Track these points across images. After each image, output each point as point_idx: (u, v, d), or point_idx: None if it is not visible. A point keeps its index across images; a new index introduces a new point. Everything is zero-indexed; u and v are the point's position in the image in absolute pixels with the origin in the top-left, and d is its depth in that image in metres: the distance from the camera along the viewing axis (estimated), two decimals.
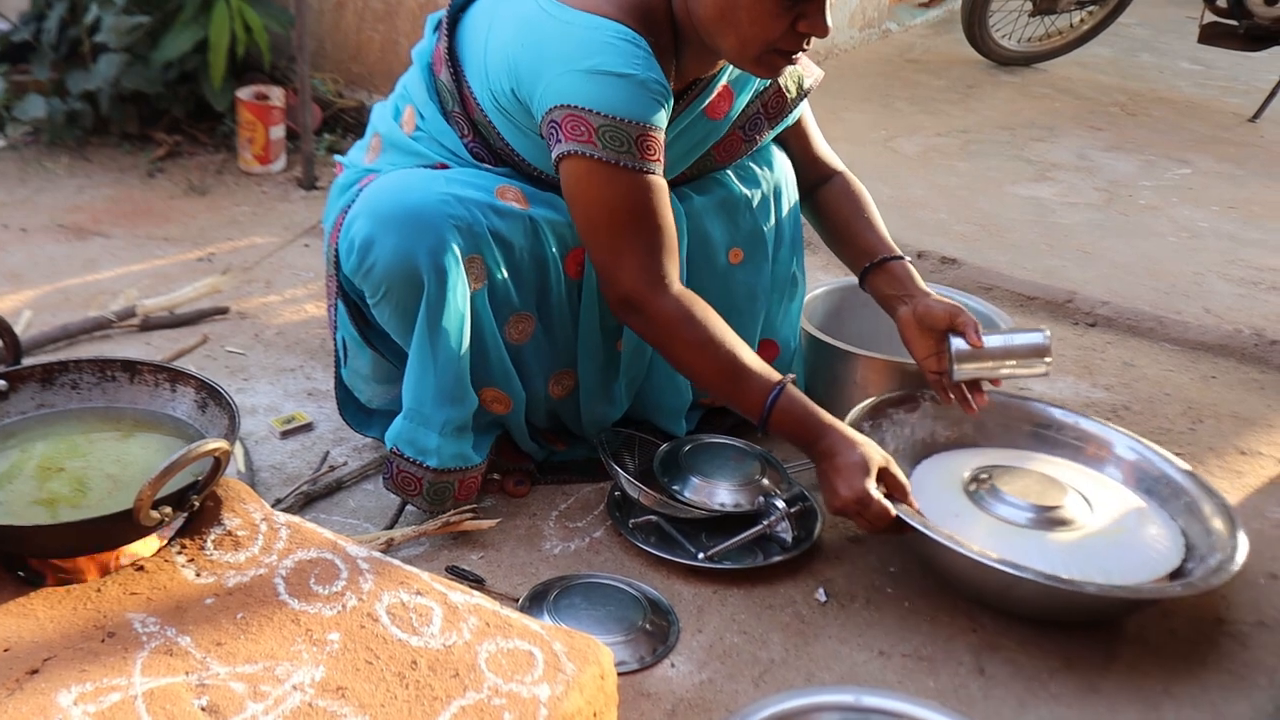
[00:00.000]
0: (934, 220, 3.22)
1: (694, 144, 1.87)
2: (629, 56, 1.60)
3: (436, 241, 1.65)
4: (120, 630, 1.21)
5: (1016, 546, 1.67)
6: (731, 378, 1.69)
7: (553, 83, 1.62)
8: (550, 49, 1.62)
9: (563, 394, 1.92)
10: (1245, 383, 2.50)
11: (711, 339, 1.68)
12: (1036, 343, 1.83)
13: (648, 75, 1.61)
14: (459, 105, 1.78)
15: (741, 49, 1.64)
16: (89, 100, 3.30)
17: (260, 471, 1.96)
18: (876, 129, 3.95)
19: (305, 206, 3.13)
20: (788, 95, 1.93)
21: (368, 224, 1.68)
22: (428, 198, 1.67)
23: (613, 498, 1.90)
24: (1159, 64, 5.19)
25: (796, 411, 1.68)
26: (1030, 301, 2.80)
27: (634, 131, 1.61)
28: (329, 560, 1.34)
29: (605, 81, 1.59)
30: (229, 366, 2.29)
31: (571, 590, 1.68)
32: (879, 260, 1.93)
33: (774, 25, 1.60)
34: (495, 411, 1.85)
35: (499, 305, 1.76)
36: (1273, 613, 1.77)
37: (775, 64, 1.67)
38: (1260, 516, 2.01)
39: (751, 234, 1.96)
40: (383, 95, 3.55)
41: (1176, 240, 3.22)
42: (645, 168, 1.64)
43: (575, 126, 1.61)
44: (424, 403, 1.75)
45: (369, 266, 1.68)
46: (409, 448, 1.77)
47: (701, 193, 1.92)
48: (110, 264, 2.72)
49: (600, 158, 1.61)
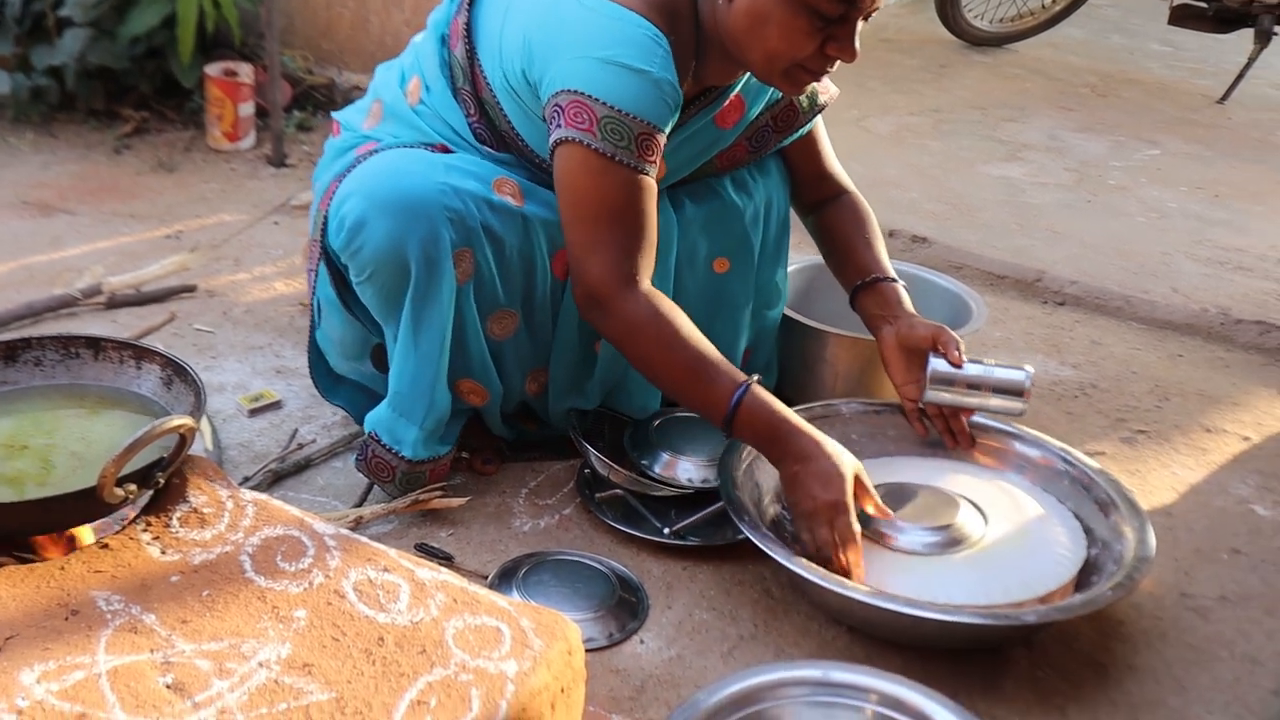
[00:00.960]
0: (905, 199, 3.23)
1: (699, 151, 1.84)
2: (648, 53, 1.57)
3: (429, 232, 1.63)
4: (84, 608, 1.20)
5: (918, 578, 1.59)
6: (694, 377, 1.63)
7: (565, 66, 1.59)
8: (569, 33, 1.59)
9: (538, 390, 1.92)
10: (1211, 361, 2.53)
11: (675, 338, 1.63)
12: (1016, 379, 1.77)
13: (662, 76, 1.58)
14: (469, 83, 1.75)
15: (768, 64, 1.61)
16: (54, 76, 3.26)
17: (228, 450, 1.95)
18: (849, 108, 3.95)
19: (274, 184, 3.11)
20: (799, 109, 1.89)
21: (361, 204, 1.65)
22: (425, 186, 1.64)
23: (582, 475, 1.90)
24: (1129, 45, 5.21)
25: (763, 412, 1.62)
26: (1000, 280, 2.81)
27: (636, 128, 1.58)
28: (295, 537, 1.33)
29: (618, 73, 1.57)
30: (197, 344, 2.28)
31: (541, 567, 1.69)
32: (870, 280, 1.90)
33: (804, 44, 1.57)
34: (471, 403, 1.84)
35: (484, 300, 1.74)
36: (1234, 587, 1.79)
37: (800, 80, 1.64)
38: (1224, 493, 2.04)
39: (740, 243, 1.94)
40: (353, 72, 3.54)
41: (1145, 220, 3.25)
42: (639, 167, 1.60)
43: (579, 113, 1.58)
44: (405, 391, 1.74)
45: (358, 247, 1.66)
46: (387, 435, 1.76)
47: (695, 200, 1.89)
48: (76, 241, 2.70)
49: (597, 149, 1.58)
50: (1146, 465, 2.11)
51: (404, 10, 3.44)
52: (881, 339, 1.86)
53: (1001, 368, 1.79)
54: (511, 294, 1.77)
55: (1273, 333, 2.59)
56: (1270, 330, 2.60)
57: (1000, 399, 1.78)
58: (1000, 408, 1.79)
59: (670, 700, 1.49)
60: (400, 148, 1.77)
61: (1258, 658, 1.65)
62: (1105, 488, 1.76)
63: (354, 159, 1.78)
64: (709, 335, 1.90)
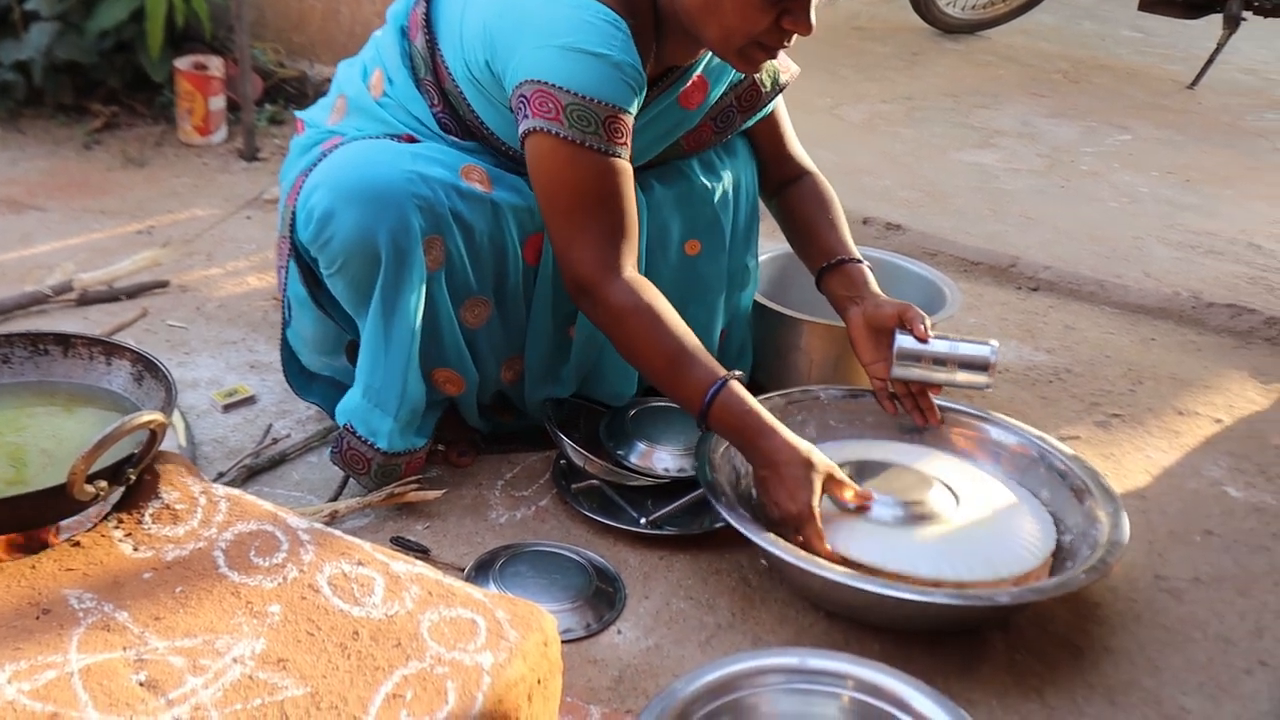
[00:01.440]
0: (879, 186, 3.23)
1: (664, 132, 1.85)
2: (607, 37, 1.57)
3: (397, 220, 1.63)
4: (56, 607, 1.19)
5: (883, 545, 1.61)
6: (674, 368, 1.64)
7: (526, 56, 1.59)
8: (529, 22, 1.60)
9: (514, 379, 1.91)
10: (1183, 344, 2.55)
11: (657, 327, 1.63)
12: (982, 354, 1.78)
13: (623, 58, 1.58)
14: (431, 74, 1.75)
15: (724, 40, 1.61)
16: (21, 71, 3.23)
17: (202, 445, 1.94)
18: (822, 96, 3.96)
19: (246, 178, 3.09)
20: (762, 89, 1.90)
21: (328, 196, 1.65)
22: (392, 174, 1.64)
23: (558, 466, 1.90)
24: (1100, 31, 5.24)
25: (737, 409, 1.62)
26: (974, 267, 2.82)
27: (603, 113, 1.58)
28: (269, 532, 1.33)
29: (579, 59, 1.57)
30: (169, 340, 2.26)
31: (517, 559, 1.68)
32: (836, 261, 1.90)
33: (759, 19, 1.57)
34: (447, 392, 1.83)
35: (456, 288, 1.74)
36: (1207, 568, 1.81)
37: (756, 58, 1.64)
38: (1196, 475, 2.05)
39: (710, 225, 1.94)
40: (324, 65, 3.52)
41: (1117, 205, 3.27)
42: (611, 150, 1.61)
43: (544, 103, 1.58)
44: (377, 382, 1.73)
45: (327, 239, 1.66)
46: (362, 426, 1.76)
47: (664, 182, 1.90)
48: (46, 238, 2.67)
49: (566, 136, 1.59)
50: (1120, 449, 2.12)
51: (375, 2, 3.42)
52: (849, 319, 1.87)
53: (967, 343, 1.80)
54: (483, 281, 1.77)
55: (1243, 316, 2.61)
56: (1241, 313, 2.62)
57: (966, 374, 1.79)
58: (966, 382, 1.80)
59: (648, 690, 1.49)
60: (366, 139, 1.77)
61: (1231, 638, 1.66)
62: (1079, 473, 1.77)
63: (320, 154, 1.77)
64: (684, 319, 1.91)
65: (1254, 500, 1.99)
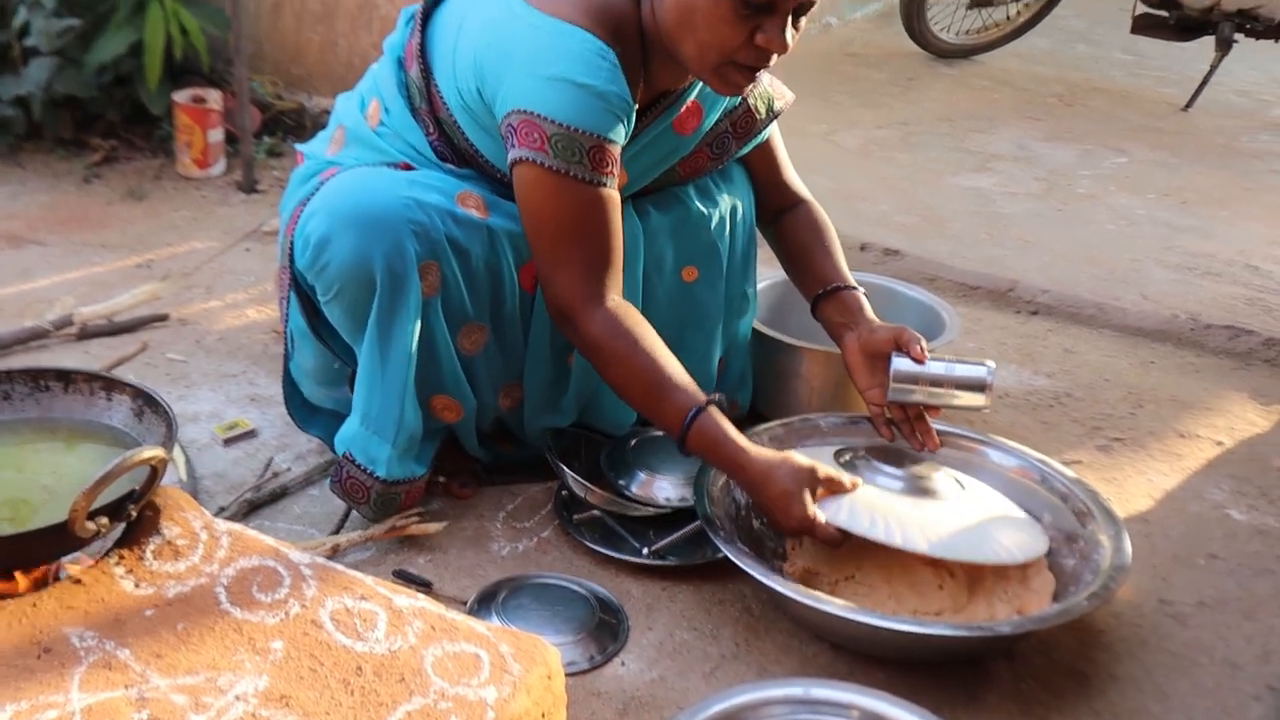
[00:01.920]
0: (876, 212, 3.24)
1: (660, 158, 1.85)
2: (593, 66, 1.58)
3: (393, 245, 1.64)
4: (57, 645, 1.19)
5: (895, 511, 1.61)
6: (653, 393, 1.64)
7: (513, 85, 1.60)
8: (515, 51, 1.61)
9: (511, 406, 1.91)
10: (1183, 367, 2.55)
11: (637, 354, 1.63)
12: (978, 374, 1.77)
13: (609, 88, 1.59)
14: (426, 102, 1.76)
15: (700, 57, 1.61)
16: (21, 105, 3.24)
17: (203, 479, 1.94)
18: (817, 122, 3.97)
19: (245, 210, 3.09)
20: (757, 115, 1.91)
21: (325, 221, 1.66)
22: (388, 200, 1.65)
23: (560, 497, 1.90)
24: (1094, 55, 5.26)
25: (713, 435, 1.62)
26: (973, 291, 2.83)
27: (587, 142, 1.59)
28: (271, 567, 1.32)
29: (564, 89, 1.58)
30: (170, 374, 2.26)
31: (520, 591, 1.68)
32: (831, 289, 1.91)
33: (731, 34, 1.56)
34: (445, 419, 1.83)
35: (452, 314, 1.74)
36: (1212, 592, 1.80)
37: (735, 79, 1.63)
38: (1199, 498, 2.05)
39: (707, 252, 1.95)
40: (322, 96, 3.54)
41: (1114, 228, 3.27)
42: (596, 180, 1.61)
43: (529, 132, 1.59)
44: (374, 409, 1.73)
45: (323, 264, 1.67)
46: (360, 454, 1.75)
47: (660, 209, 1.90)
48: (46, 272, 2.67)
49: (550, 166, 1.59)
50: (1123, 473, 2.12)
51: (372, 34, 3.44)
52: (844, 346, 1.86)
53: (963, 364, 1.79)
54: (480, 307, 1.77)
55: (1242, 337, 2.62)
56: (1240, 335, 2.62)
57: (964, 394, 1.78)
58: (964, 403, 1.79)
59: None
60: (364, 167, 1.78)
61: (1237, 662, 1.66)
62: (1081, 497, 1.77)
63: (318, 184, 1.78)
64: (682, 346, 1.92)
65: (1257, 523, 1.99)
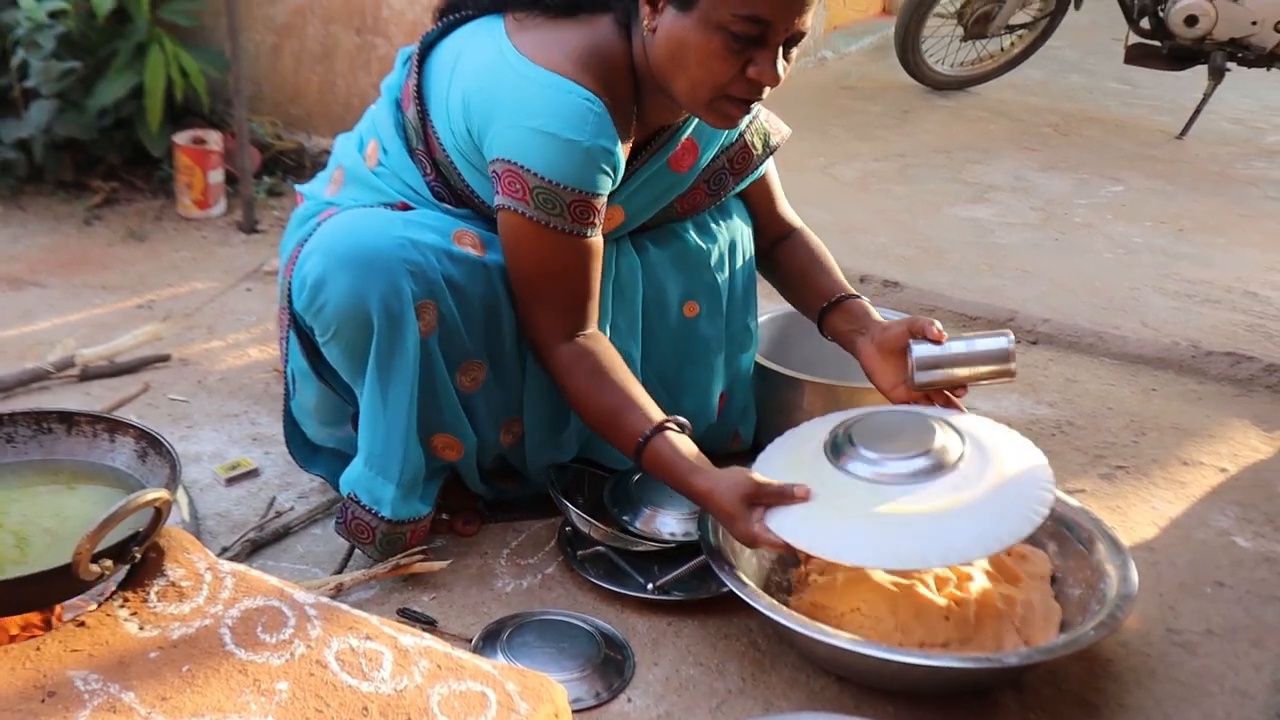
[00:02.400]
0: (874, 244, 3.25)
1: (657, 195, 1.86)
2: (579, 120, 1.59)
3: (389, 285, 1.64)
4: (61, 689, 1.18)
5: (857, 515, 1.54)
6: (613, 419, 1.67)
7: (500, 134, 1.63)
8: (503, 100, 1.63)
9: (512, 442, 1.91)
10: (1185, 394, 2.55)
11: (600, 380, 1.68)
12: (1000, 345, 1.75)
13: (594, 142, 1.60)
14: (423, 143, 1.78)
15: (692, 93, 1.62)
16: (22, 148, 3.26)
17: (206, 520, 1.93)
18: (815, 156, 3.99)
19: (246, 250, 3.10)
20: (754, 152, 1.92)
21: (321, 262, 1.66)
22: (383, 240, 1.65)
23: (563, 533, 1.89)
24: (1088, 85, 5.30)
25: (666, 457, 1.62)
26: (973, 322, 2.83)
27: (568, 196, 1.62)
28: (276, 608, 1.32)
29: (548, 143, 1.59)
30: (171, 414, 2.26)
31: (525, 628, 1.67)
32: (835, 300, 1.92)
33: (722, 69, 1.57)
34: (447, 458, 1.83)
35: (450, 352, 1.74)
36: (1220, 620, 1.79)
37: (729, 112, 1.64)
38: (1204, 526, 2.04)
39: (707, 287, 1.95)
40: (322, 136, 3.56)
41: (1112, 256, 3.28)
42: (576, 231, 1.65)
43: (512, 183, 1.62)
44: (378, 449, 1.73)
45: (320, 305, 1.67)
46: (365, 495, 1.75)
47: (659, 245, 1.91)
48: (47, 314, 2.68)
49: (531, 217, 1.63)
50: (1127, 501, 2.11)
51: (370, 74, 3.47)
52: (859, 351, 1.85)
53: (982, 337, 1.77)
54: (478, 345, 1.77)
55: (1243, 364, 2.62)
56: (1241, 361, 2.62)
57: (988, 366, 1.75)
58: (991, 374, 1.76)
59: None
60: (360, 208, 1.79)
61: (1247, 691, 1.65)
62: (1086, 525, 1.76)
63: (316, 224, 1.79)
64: (683, 381, 1.92)
65: (1263, 550, 1.98)
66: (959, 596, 1.65)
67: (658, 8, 1.61)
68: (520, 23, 1.69)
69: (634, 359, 1.90)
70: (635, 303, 1.88)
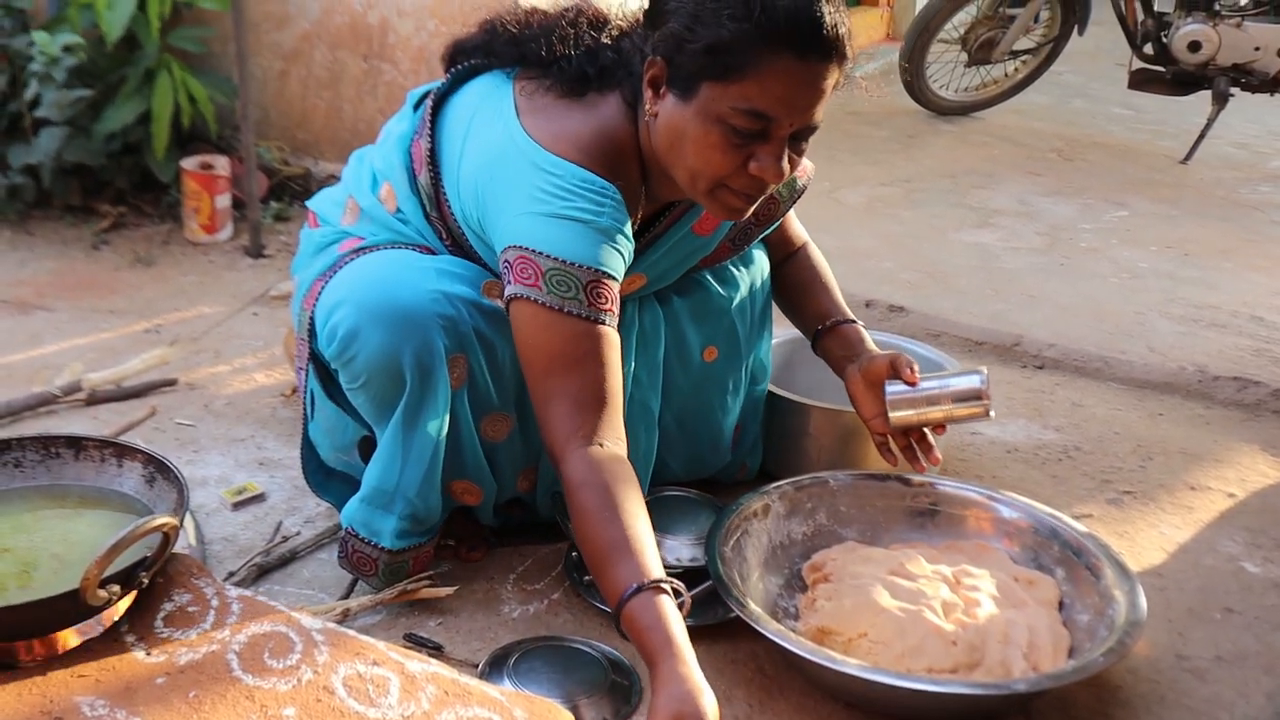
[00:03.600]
0: (880, 269, 3.26)
1: (681, 259, 1.84)
2: (593, 204, 1.55)
3: (422, 342, 1.62)
4: (68, 715, 1.18)
5: None
6: (605, 557, 1.47)
7: (510, 223, 1.57)
8: (513, 187, 1.57)
9: (529, 488, 1.90)
10: (1192, 419, 2.54)
11: (604, 509, 1.48)
12: (972, 384, 1.77)
13: (610, 224, 1.55)
14: (436, 210, 1.74)
15: (692, 182, 1.58)
16: (30, 174, 3.27)
17: (212, 544, 1.93)
18: (821, 180, 3.99)
19: (253, 275, 3.11)
20: (779, 200, 1.88)
21: (353, 315, 1.63)
22: (418, 295, 1.62)
23: (569, 558, 1.89)
24: (1092, 110, 5.32)
25: (644, 622, 1.39)
26: (978, 346, 2.83)
27: (585, 276, 1.54)
28: (283, 633, 1.32)
29: (560, 225, 1.54)
30: (178, 438, 2.26)
31: (532, 653, 1.66)
32: (831, 324, 1.93)
33: (722, 162, 1.53)
34: (465, 502, 1.82)
35: (478, 403, 1.73)
36: (1230, 646, 1.78)
37: (731, 204, 1.59)
38: (1213, 551, 2.04)
39: (727, 332, 1.95)
40: (329, 161, 3.57)
41: (1118, 281, 3.28)
42: (594, 316, 1.55)
43: (524, 269, 1.54)
44: (389, 488, 1.71)
45: (351, 357, 1.65)
46: (363, 528, 1.74)
47: (682, 295, 1.90)
48: (54, 338, 2.69)
49: (545, 303, 1.54)
50: (1134, 526, 2.11)
51: (377, 99, 3.48)
52: (846, 378, 1.88)
53: (957, 376, 1.80)
54: (505, 397, 1.76)
55: (1250, 388, 2.61)
56: (1248, 386, 2.62)
57: (962, 406, 1.78)
58: (964, 415, 1.79)
59: None
60: (386, 248, 1.76)
61: (1258, 718, 1.64)
62: (1094, 551, 1.76)
63: (338, 256, 1.78)
64: (701, 424, 1.93)
65: (1273, 576, 1.97)
66: (966, 622, 1.64)
67: (660, 93, 1.56)
68: (530, 99, 1.64)
69: (653, 411, 1.89)
70: (657, 355, 1.87)
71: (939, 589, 1.69)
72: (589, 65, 1.65)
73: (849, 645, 1.64)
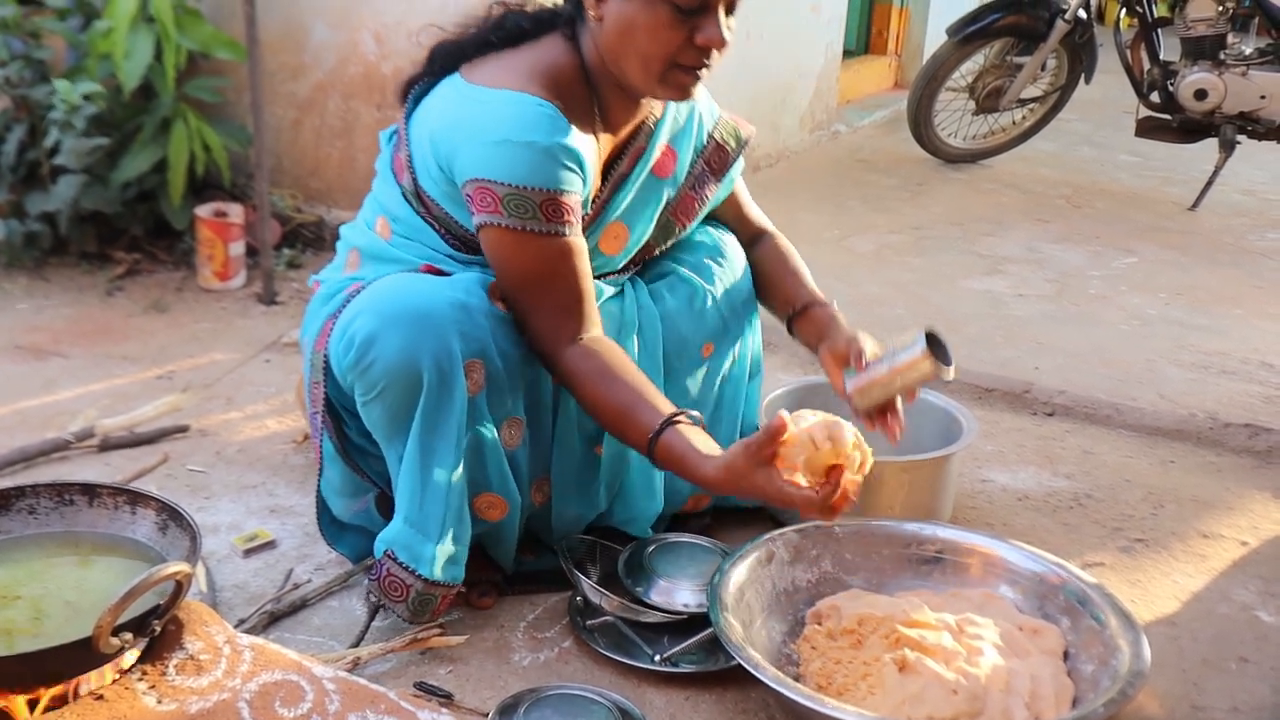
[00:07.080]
0: (891, 316, 3.27)
1: (652, 208, 1.93)
2: (533, 123, 1.66)
3: (440, 344, 1.66)
4: None
5: None
6: (624, 418, 1.68)
7: (464, 157, 1.69)
8: (462, 126, 1.70)
9: (542, 501, 1.93)
10: (1203, 466, 2.54)
11: (608, 381, 1.69)
12: (914, 355, 1.78)
13: (552, 141, 1.67)
14: (421, 205, 1.82)
15: (645, 69, 1.70)
16: (47, 221, 3.31)
17: (223, 591, 1.93)
18: (830, 229, 4.03)
19: (266, 322, 3.13)
20: (728, 149, 2.01)
21: (371, 321, 1.68)
22: (434, 299, 1.69)
23: (574, 603, 1.89)
24: (1099, 157, 5.35)
25: (678, 451, 1.62)
26: (988, 394, 2.83)
27: (537, 198, 1.67)
28: (294, 682, 1.32)
29: (507, 150, 1.66)
30: (190, 485, 2.27)
31: (541, 702, 1.66)
32: (801, 308, 2.01)
33: (671, 38, 1.66)
34: (490, 519, 1.83)
35: (495, 409, 1.76)
36: (1245, 697, 1.77)
37: (681, 82, 1.72)
38: (1226, 600, 2.03)
39: (718, 326, 2.03)
40: (341, 209, 3.61)
41: (1127, 328, 3.29)
42: (553, 230, 1.69)
43: (483, 198, 1.68)
44: (418, 509, 1.73)
45: (369, 363, 1.68)
46: (404, 553, 1.74)
47: (672, 292, 1.99)
48: (69, 384, 2.70)
49: (507, 225, 1.68)
50: (1147, 575, 2.10)
51: None
52: (820, 359, 1.94)
53: (903, 350, 1.81)
54: (517, 401, 1.80)
55: (1262, 435, 2.61)
56: (1259, 433, 2.61)
57: (913, 374, 1.79)
58: (918, 379, 1.80)
59: None
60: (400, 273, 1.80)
61: None
62: (1099, 600, 1.75)
63: (344, 298, 1.81)
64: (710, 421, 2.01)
65: None
66: (968, 671, 1.63)
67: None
68: (474, 64, 1.78)
69: None
70: (657, 348, 1.95)
71: (942, 637, 1.69)
72: (525, 22, 1.81)
73: (850, 693, 1.64)
